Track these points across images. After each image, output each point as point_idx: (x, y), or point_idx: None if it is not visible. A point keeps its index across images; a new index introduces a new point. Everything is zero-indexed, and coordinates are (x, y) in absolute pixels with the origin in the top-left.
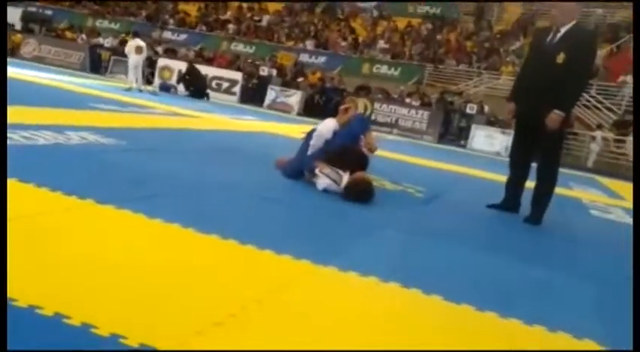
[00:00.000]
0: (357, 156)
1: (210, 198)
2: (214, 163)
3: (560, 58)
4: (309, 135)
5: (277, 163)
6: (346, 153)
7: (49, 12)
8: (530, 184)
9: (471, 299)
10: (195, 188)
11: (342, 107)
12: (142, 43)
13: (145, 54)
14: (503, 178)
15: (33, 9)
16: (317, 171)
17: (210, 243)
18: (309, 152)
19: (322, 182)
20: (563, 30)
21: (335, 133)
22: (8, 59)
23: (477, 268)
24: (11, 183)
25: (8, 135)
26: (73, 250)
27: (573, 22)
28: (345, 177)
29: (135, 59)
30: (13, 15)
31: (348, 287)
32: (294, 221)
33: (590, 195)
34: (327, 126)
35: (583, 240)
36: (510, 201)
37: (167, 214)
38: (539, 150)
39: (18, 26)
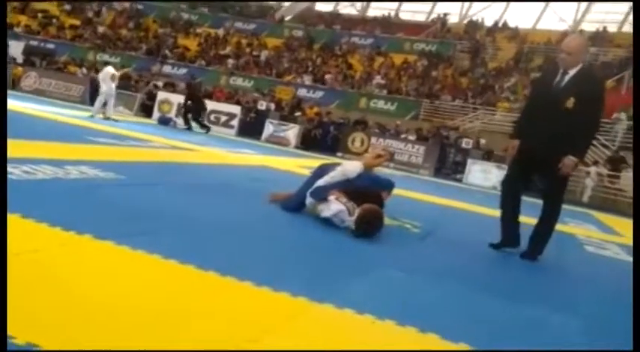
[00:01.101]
0: (375, 199)
1: (209, 233)
2: (212, 198)
3: (570, 102)
4: (320, 169)
5: (272, 197)
6: (366, 193)
7: (51, 46)
8: (526, 218)
9: (467, 338)
10: (193, 223)
11: (375, 151)
12: (115, 71)
13: (116, 81)
14: (497, 213)
15: (35, 43)
16: (331, 197)
17: (207, 280)
18: (323, 183)
19: (333, 208)
20: (571, 72)
21: (359, 176)
22: (9, 92)
23: (473, 306)
24: (13, 219)
25: (9, 169)
26: (71, 287)
27: (580, 65)
28: (357, 211)
29: (110, 87)
30: (16, 48)
31: (343, 325)
32: (291, 256)
33: (586, 231)
34: (354, 167)
35: (578, 277)
36: (510, 238)
37: (166, 250)
38: (545, 189)
39: (20, 60)
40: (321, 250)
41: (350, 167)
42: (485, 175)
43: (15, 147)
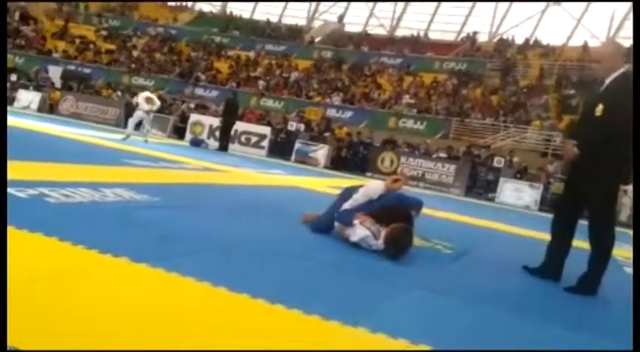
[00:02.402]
0: (402, 216)
1: (240, 255)
2: (244, 219)
3: (599, 110)
4: (346, 191)
5: (305, 218)
6: (391, 211)
7: (87, 70)
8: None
9: None
10: (225, 245)
11: (392, 176)
12: (151, 95)
13: (155, 105)
14: (533, 234)
15: (72, 67)
16: (356, 221)
17: (240, 302)
18: (348, 206)
19: (359, 233)
20: (607, 81)
21: (381, 196)
22: (48, 115)
23: (508, 330)
24: (50, 242)
25: (48, 192)
26: (106, 311)
27: (620, 71)
28: (384, 233)
29: (146, 110)
30: (54, 73)
31: (377, 350)
32: (322, 278)
33: (625, 252)
34: (376, 188)
35: (616, 300)
36: (551, 268)
37: (199, 272)
38: (588, 210)
39: (58, 84)
40: (351, 272)
41: (372, 187)
42: (518, 194)
43: (54, 171)
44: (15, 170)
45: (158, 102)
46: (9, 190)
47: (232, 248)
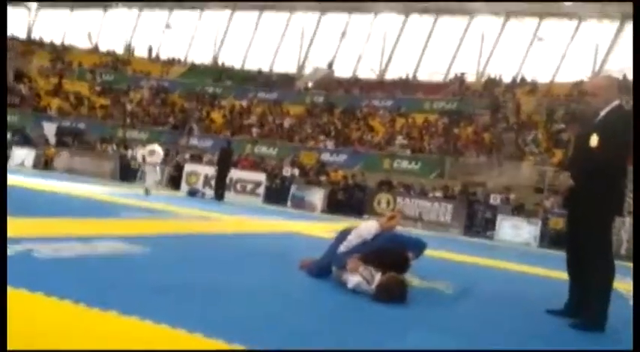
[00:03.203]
0: (397, 258)
1: (234, 304)
2: (238, 267)
3: (594, 140)
4: (342, 234)
5: (302, 264)
6: (386, 253)
7: (82, 125)
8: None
9: None
10: (218, 294)
11: (387, 215)
12: (155, 147)
13: (157, 157)
14: (533, 270)
15: (67, 123)
16: (348, 267)
17: None
18: (343, 249)
19: (353, 279)
20: (602, 113)
21: (375, 236)
22: (42, 172)
23: None
24: (35, 298)
25: (37, 247)
26: None
27: (616, 103)
28: (378, 277)
29: (152, 162)
30: (49, 130)
31: None
32: (321, 323)
33: (627, 285)
34: (369, 227)
35: (623, 336)
36: (570, 305)
37: (190, 323)
38: (584, 241)
39: (52, 141)
40: (351, 315)
41: (365, 228)
42: (517, 231)
43: (45, 226)
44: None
45: (161, 154)
46: None
47: (226, 296)
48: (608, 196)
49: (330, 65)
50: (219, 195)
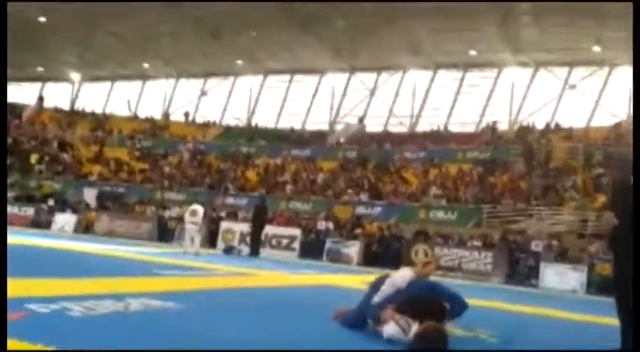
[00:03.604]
0: (434, 307)
1: None
2: (272, 321)
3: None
4: (376, 282)
5: (336, 314)
6: (421, 301)
7: (121, 189)
8: None
9: None
10: (250, 347)
11: (421, 261)
12: (196, 207)
13: (199, 217)
14: (582, 317)
15: (108, 188)
16: (382, 318)
17: None
18: (377, 299)
19: (388, 329)
20: None
21: (410, 284)
22: (83, 235)
23: None
24: None
25: (71, 306)
26: None
27: None
28: (415, 327)
29: (193, 222)
30: (90, 195)
31: None
32: None
33: None
34: (403, 276)
35: None
36: (624, 350)
37: None
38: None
39: (93, 205)
40: None
41: (398, 276)
42: (562, 278)
43: (80, 285)
44: (38, 287)
45: (201, 213)
46: (30, 306)
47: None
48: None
49: (361, 120)
50: (254, 251)
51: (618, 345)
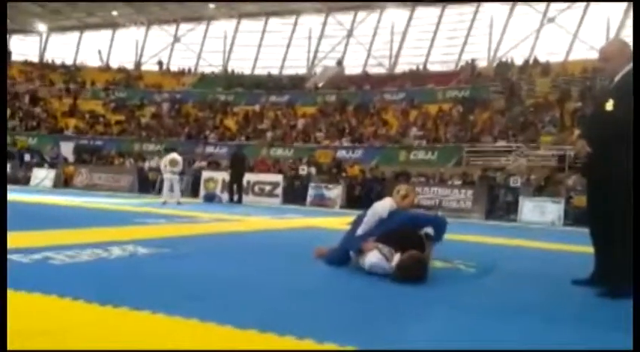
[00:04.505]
0: (414, 238)
1: (248, 294)
2: (255, 261)
3: (609, 105)
4: (358, 218)
5: (317, 252)
6: (402, 233)
7: (99, 142)
8: None
9: None
10: (234, 287)
11: (400, 193)
12: (175, 156)
13: (179, 167)
14: (558, 246)
15: (84, 141)
16: (365, 247)
17: (247, 338)
18: (360, 231)
19: (370, 258)
20: (616, 78)
21: (391, 213)
22: (62, 189)
23: (548, 342)
24: (50, 300)
25: (53, 255)
26: None
27: (628, 68)
28: (397, 257)
29: (173, 172)
30: (67, 149)
31: None
32: (336, 308)
33: None
34: (384, 205)
35: None
36: (598, 275)
37: (203, 313)
38: (607, 208)
39: (71, 159)
40: (368, 298)
41: (379, 206)
42: (541, 211)
43: (62, 236)
44: (20, 239)
45: (181, 162)
46: (11, 257)
47: (241, 289)
48: (626, 159)
49: (340, 63)
50: (234, 199)
51: (592, 270)
